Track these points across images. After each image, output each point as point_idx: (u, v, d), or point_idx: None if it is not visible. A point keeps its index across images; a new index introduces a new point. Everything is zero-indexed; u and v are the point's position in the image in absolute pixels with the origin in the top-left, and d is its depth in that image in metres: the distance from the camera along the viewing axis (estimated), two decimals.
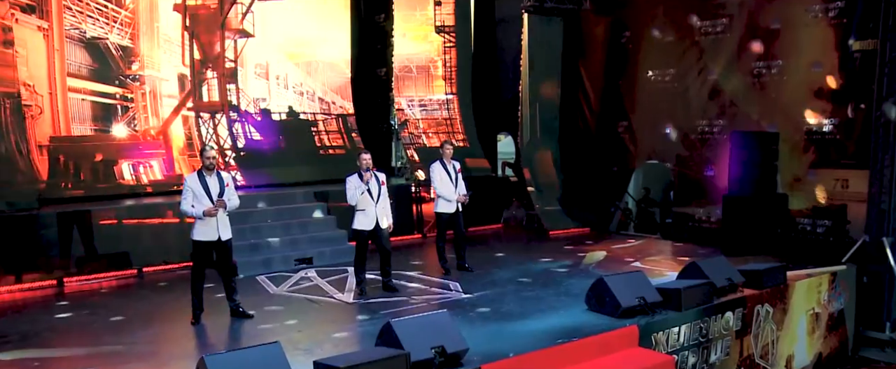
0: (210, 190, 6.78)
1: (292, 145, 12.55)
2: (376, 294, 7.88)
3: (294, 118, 12.73)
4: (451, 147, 8.88)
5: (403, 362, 5.10)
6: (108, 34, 10.64)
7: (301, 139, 12.71)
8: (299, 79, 13.22)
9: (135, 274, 9.11)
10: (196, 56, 11.55)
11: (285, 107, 12.81)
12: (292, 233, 10.18)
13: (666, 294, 6.83)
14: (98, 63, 10.57)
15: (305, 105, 13.14)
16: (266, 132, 12.22)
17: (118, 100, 10.79)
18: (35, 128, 9.51)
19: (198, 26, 11.50)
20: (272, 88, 12.90)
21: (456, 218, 8.74)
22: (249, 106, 12.21)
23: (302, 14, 13.02)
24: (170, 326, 6.82)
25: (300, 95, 13.14)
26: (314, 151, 12.76)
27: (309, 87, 13.33)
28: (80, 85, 10.39)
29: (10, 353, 6.03)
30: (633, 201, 12.58)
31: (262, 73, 12.78)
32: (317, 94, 13.40)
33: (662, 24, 12.06)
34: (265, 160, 11.90)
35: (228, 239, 6.97)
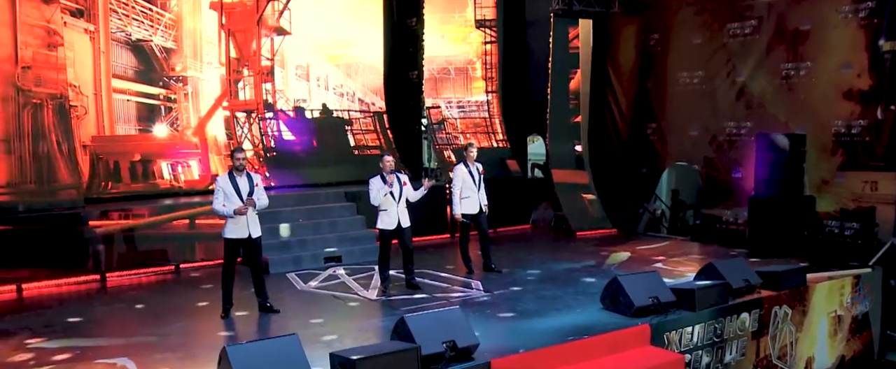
0: (240, 190, 7.11)
1: (327, 145, 12.88)
2: (399, 291, 8.14)
3: (328, 116, 13.04)
4: (474, 149, 9.02)
5: (414, 355, 5.33)
6: (152, 36, 11.10)
7: (336, 138, 13.05)
8: (339, 80, 13.53)
9: (172, 270, 9.55)
10: (233, 54, 11.96)
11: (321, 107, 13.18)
12: (322, 232, 10.52)
13: (680, 294, 6.95)
14: (143, 64, 11.04)
15: (345, 106, 13.45)
16: (300, 131, 12.56)
17: (161, 101, 11.23)
18: (79, 128, 9.99)
19: (234, 24, 11.86)
20: (313, 90, 13.22)
21: (479, 219, 8.90)
22: (287, 105, 12.57)
23: (340, 15, 13.34)
24: (200, 319, 7.17)
25: (340, 96, 13.44)
26: (349, 151, 13.06)
27: (349, 88, 13.63)
28: (125, 86, 10.86)
29: (55, 341, 6.47)
30: (664, 203, 12.61)
31: (303, 74, 13.11)
32: (357, 95, 13.68)
33: (691, 27, 12.08)
34: (299, 160, 12.26)
35: (258, 237, 7.30)
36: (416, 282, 8.32)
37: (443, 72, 14.94)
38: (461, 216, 8.83)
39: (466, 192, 8.83)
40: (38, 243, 8.71)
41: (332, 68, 13.52)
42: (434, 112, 14.30)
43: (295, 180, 11.89)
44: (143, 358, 5.88)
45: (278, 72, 12.36)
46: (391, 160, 8.17)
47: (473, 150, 8.98)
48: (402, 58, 13.53)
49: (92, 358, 5.95)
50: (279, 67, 12.37)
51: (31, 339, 6.53)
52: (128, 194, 10.21)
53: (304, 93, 13.07)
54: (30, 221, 8.73)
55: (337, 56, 13.53)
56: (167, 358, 5.88)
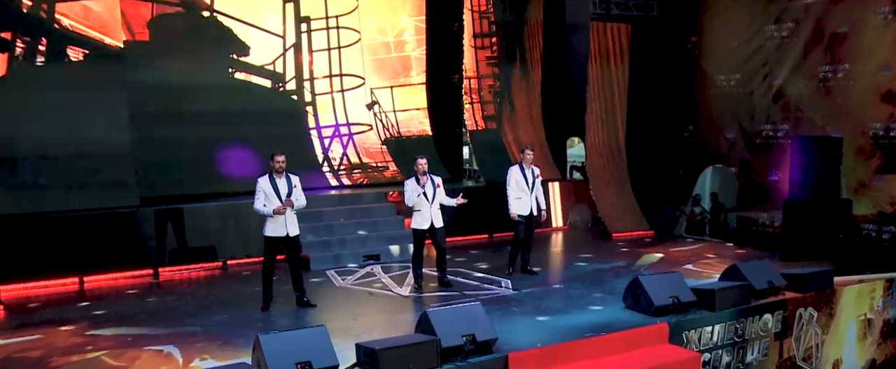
0: (279, 190, 7.54)
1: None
2: (431, 289, 8.47)
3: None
4: (531, 152, 9.13)
5: (434, 347, 5.66)
6: None
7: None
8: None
9: (220, 266, 10.10)
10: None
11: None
12: (363, 231, 10.94)
13: (700, 294, 7.10)
14: None
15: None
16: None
17: None
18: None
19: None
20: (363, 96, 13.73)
21: (528, 221, 9.04)
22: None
23: (385, 18, 13.80)
24: (242, 312, 7.63)
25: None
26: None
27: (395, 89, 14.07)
28: None
29: (110, 330, 7.03)
30: (703, 206, 12.66)
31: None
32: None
33: (728, 30, 12.11)
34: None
35: (296, 235, 7.72)
36: (448, 280, 8.63)
37: None
38: (516, 216, 8.96)
39: (518, 194, 8.97)
40: (99, 240, 9.38)
41: (376, 71, 13.96)
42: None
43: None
44: (186, 346, 6.36)
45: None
46: (424, 162, 8.47)
47: (530, 153, 9.07)
48: (443, 61, 13.90)
49: (141, 345, 6.47)
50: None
51: (89, 327, 7.11)
52: (182, 194, 10.78)
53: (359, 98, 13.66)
54: (92, 219, 9.40)
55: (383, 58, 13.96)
56: (208, 347, 6.34)
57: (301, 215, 8.76)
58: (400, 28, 14.05)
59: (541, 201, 9.12)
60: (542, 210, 9.14)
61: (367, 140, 13.47)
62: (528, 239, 9.23)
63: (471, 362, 5.76)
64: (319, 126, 12.87)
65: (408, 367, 5.53)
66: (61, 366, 5.96)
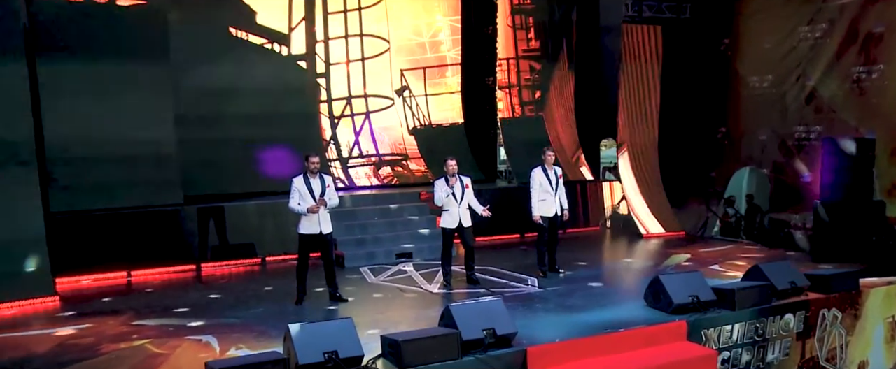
0: (313, 190, 7.89)
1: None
2: (459, 286, 8.72)
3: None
4: (552, 153, 9.28)
5: (455, 340, 5.93)
6: None
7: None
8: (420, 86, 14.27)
9: (259, 262, 10.54)
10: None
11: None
12: (396, 230, 11.26)
13: (721, 293, 7.22)
14: None
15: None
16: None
17: None
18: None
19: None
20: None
21: (553, 222, 9.19)
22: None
23: (420, 18, 14.11)
24: (278, 305, 8.00)
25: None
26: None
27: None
28: None
29: (154, 320, 7.49)
30: (737, 207, 12.65)
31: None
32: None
33: (761, 31, 12.13)
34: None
35: (329, 232, 8.06)
36: (476, 278, 8.88)
37: None
38: (539, 218, 9.09)
39: (542, 195, 9.10)
40: (146, 236, 9.90)
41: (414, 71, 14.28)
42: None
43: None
44: (224, 336, 6.76)
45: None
46: (454, 163, 8.72)
47: (550, 154, 9.21)
48: (478, 64, 14.14)
49: (182, 335, 6.88)
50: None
51: (135, 318, 7.59)
52: (223, 193, 11.26)
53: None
54: (139, 217, 9.92)
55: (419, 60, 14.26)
56: (244, 337, 6.72)
57: (337, 214, 9.19)
58: (435, 28, 14.31)
59: (564, 201, 9.23)
60: (565, 210, 9.27)
61: (388, 137, 13.74)
62: (553, 239, 9.39)
63: (491, 355, 5.99)
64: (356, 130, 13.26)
65: (430, 358, 5.80)
66: (109, 352, 6.40)
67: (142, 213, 9.97)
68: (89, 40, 9.88)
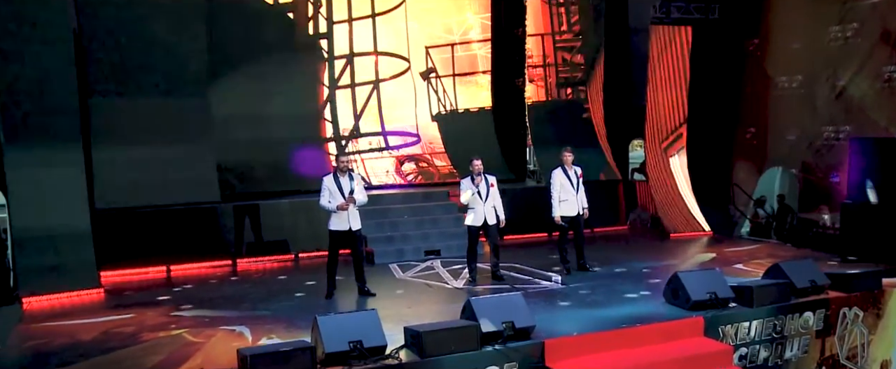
0: (343, 188, 8.19)
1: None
2: (484, 282, 8.95)
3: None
4: (570, 153, 9.43)
5: (475, 331, 6.17)
6: None
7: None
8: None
9: (292, 258, 10.92)
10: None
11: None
12: (425, 228, 11.54)
13: (739, 291, 7.33)
14: None
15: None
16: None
17: None
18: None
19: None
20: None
21: (577, 221, 9.39)
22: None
23: (451, 16, 14.37)
24: (308, 299, 8.34)
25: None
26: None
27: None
28: None
29: (191, 311, 7.89)
30: (767, 208, 12.66)
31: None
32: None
33: (790, 31, 12.12)
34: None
35: (358, 229, 8.35)
36: (501, 275, 9.10)
37: None
38: (559, 219, 9.26)
39: (564, 195, 9.26)
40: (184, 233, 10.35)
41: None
42: None
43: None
44: (256, 327, 7.10)
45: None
46: (479, 163, 8.95)
47: (569, 154, 9.36)
48: (508, 64, 14.34)
49: (217, 325, 7.24)
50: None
51: (174, 309, 8.01)
52: (258, 192, 11.68)
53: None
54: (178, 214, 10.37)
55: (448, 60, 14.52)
56: (275, 328, 7.05)
57: (369, 212, 9.50)
58: (466, 26, 14.51)
59: (583, 201, 9.36)
60: (585, 209, 9.38)
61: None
62: (579, 238, 9.53)
63: (509, 347, 6.21)
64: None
65: (450, 349, 6.06)
66: (149, 340, 6.78)
67: (181, 211, 10.44)
68: (133, 39, 10.40)
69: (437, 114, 14.23)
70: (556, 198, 9.27)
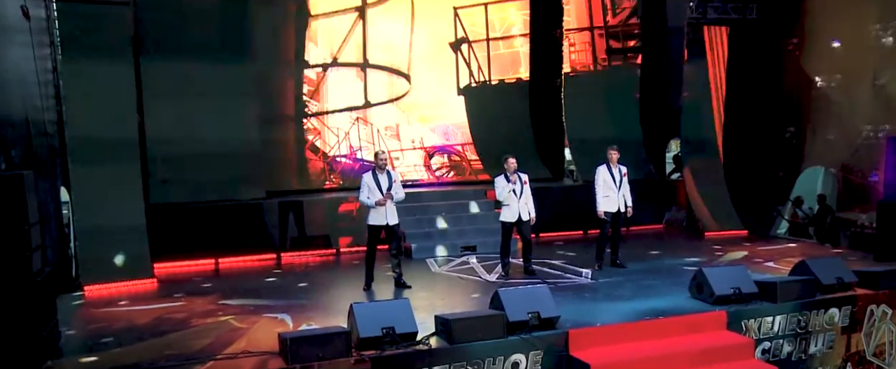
0: (381, 185, 8.58)
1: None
2: (517, 276, 9.24)
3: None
4: (615, 152, 9.63)
5: (501, 320, 6.48)
6: None
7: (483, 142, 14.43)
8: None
9: (333, 252, 11.38)
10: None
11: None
12: (462, 225, 11.88)
13: (763, 286, 7.48)
14: None
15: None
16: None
17: None
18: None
19: None
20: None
21: (616, 217, 9.59)
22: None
23: (493, 13, 14.59)
24: (347, 290, 8.75)
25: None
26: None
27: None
28: None
29: (237, 300, 8.40)
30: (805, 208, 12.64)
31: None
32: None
33: (830, 30, 12.10)
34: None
35: (396, 224, 8.73)
36: (533, 269, 9.37)
37: None
38: (603, 213, 9.51)
39: (606, 192, 9.51)
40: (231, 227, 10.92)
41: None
42: None
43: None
44: (297, 315, 7.54)
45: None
46: (514, 161, 9.26)
47: (613, 152, 9.60)
48: (546, 65, 14.55)
49: (261, 312, 7.71)
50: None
51: (221, 298, 8.53)
52: (302, 189, 12.20)
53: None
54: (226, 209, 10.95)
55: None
56: (314, 316, 7.48)
57: (408, 209, 9.88)
58: (508, 23, 14.71)
59: (628, 199, 9.60)
60: (629, 207, 9.63)
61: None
62: (616, 235, 9.77)
63: (534, 336, 6.51)
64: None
65: (477, 336, 6.38)
66: (198, 326, 7.28)
67: (228, 206, 11.01)
68: (186, 46, 11.03)
69: (465, 86, 14.32)
70: (600, 194, 9.54)
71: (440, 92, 14.20)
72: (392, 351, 6.14)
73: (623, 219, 9.69)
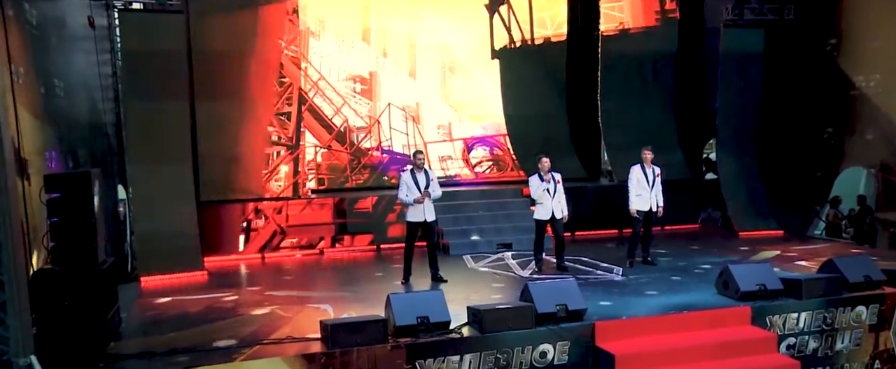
0: (419, 183, 8.97)
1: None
2: (549, 272, 9.54)
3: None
4: (650, 152, 9.87)
5: (530, 311, 6.82)
6: None
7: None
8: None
9: (375, 248, 11.84)
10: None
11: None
12: (498, 223, 12.21)
13: (789, 283, 7.65)
14: None
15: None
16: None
17: None
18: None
19: None
20: None
21: (648, 216, 9.84)
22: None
23: (544, 10, 14.72)
24: (386, 283, 9.17)
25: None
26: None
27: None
28: None
29: (282, 291, 8.93)
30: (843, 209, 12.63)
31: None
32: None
33: (869, 29, 12.07)
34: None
35: (433, 220, 9.11)
36: (565, 265, 9.67)
37: None
38: (635, 212, 9.77)
39: (639, 191, 9.75)
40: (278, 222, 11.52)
41: None
42: None
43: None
44: (338, 305, 7.99)
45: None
46: (548, 161, 9.58)
47: (648, 153, 9.83)
48: (582, 63, 14.72)
49: (304, 303, 8.19)
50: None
51: (267, 289, 9.05)
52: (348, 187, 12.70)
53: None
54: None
55: None
56: (355, 306, 7.92)
57: (446, 207, 10.27)
58: (559, 20, 14.77)
59: (660, 199, 9.83)
60: (660, 206, 9.86)
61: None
62: (647, 233, 10.00)
63: (562, 327, 6.82)
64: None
65: (507, 326, 6.72)
66: (245, 314, 7.79)
67: (274, 204, 11.55)
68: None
69: (500, 49, 14.34)
70: (633, 193, 9.79)
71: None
72: (426, 338, 6.53)
73: (654, 218, 9.90)
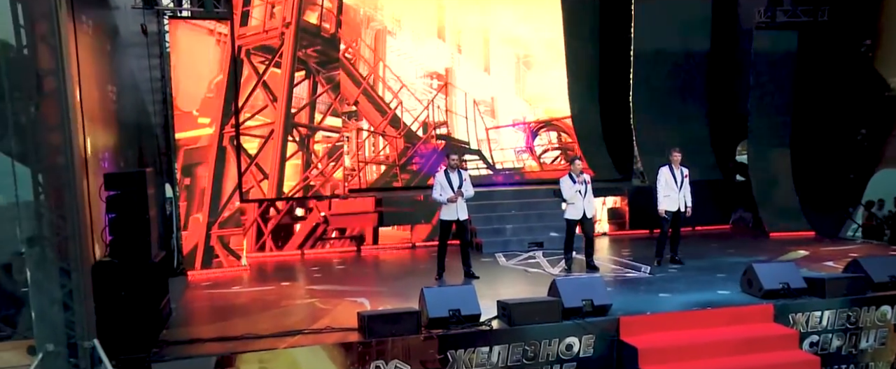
0: (452, 183, 9.32)
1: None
2: (579, 270, 9.81)
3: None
4: (677, 153, 10.06)
5: (557, 306, 7.11)
6: None
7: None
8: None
9: (410, 245, 12.22)
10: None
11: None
12: (530, 222, 12.50)
13: (812, 282, 7.81)
14: None
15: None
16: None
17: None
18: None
19: None
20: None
21: (677, 216, 10.04)
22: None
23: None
24: (419, 279, 9.44)
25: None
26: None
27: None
28: None
29: (321, 286, 9.40)
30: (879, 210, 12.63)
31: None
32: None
33: None
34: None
35: (466, 219, 9.46)
36: (594, 264, 9.92)
37: None
38: (664, 212, 9.98)
39: (667, 191, 9.97)
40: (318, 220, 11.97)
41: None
42: None
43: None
44: (374, 299, 8.39)
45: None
46: (580, 163, 9.86)
47: (676, 154, 10.03)
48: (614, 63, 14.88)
49: (342, 296, 8.60)
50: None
51: (307, 284, 9.54)
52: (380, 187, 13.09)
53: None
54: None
55: None
56: (390, 300, 8.30)
57: (479, 206, 10.65)
58: None
59: (688, 199, 10.02)
60: (689, 207, 10.05)
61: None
62: (676, 233, 10.20)
63: (588, 321, 7.11)
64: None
65: (535, 320, 7.03)
66: (287, 306, 8.23)
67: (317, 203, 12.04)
68: None
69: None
70: (661, 193, 10.01)
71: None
72: (457, 330, 6.87)
73: (683, 219, 10.10)
